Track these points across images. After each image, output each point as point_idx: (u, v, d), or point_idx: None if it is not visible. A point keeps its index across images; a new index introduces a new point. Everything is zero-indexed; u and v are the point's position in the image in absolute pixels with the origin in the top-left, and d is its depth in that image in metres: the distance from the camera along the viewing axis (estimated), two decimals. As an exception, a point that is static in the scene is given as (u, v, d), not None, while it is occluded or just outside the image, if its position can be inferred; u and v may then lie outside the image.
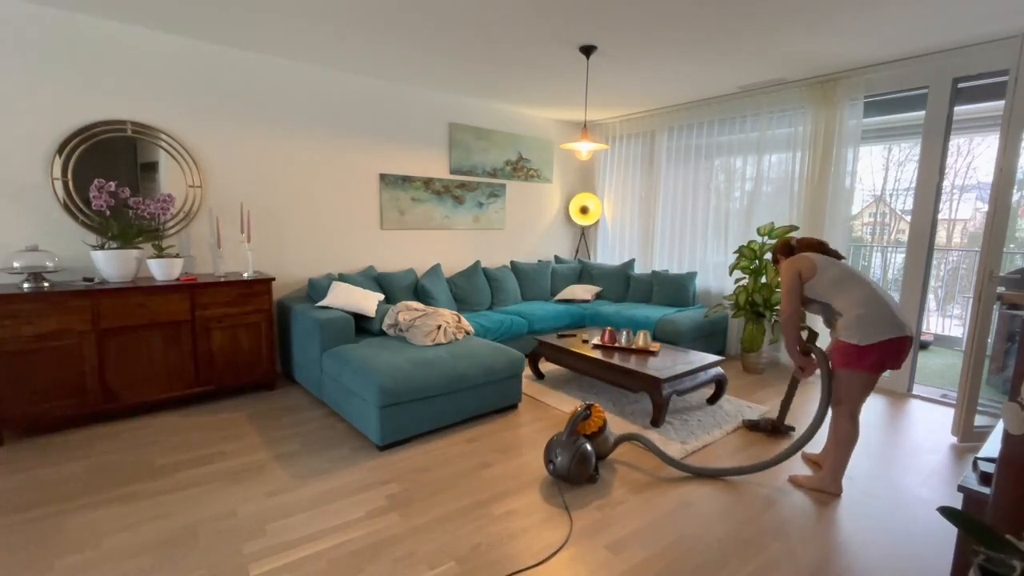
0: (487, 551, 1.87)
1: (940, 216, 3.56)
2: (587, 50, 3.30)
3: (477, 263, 4.66)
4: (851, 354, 2.19)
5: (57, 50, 2.90)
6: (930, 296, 4.50)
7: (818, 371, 2.69)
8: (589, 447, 2.33)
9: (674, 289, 4.75)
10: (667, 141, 5.11)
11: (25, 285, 2.71)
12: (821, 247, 2.46)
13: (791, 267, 2.37)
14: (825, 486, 2.33)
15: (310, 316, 3.22)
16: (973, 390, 2.87)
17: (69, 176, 2.97)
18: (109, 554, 1.81)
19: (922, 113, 3.54)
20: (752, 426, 3.02)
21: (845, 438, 2.28)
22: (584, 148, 3.76)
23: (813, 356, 2.41)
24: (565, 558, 1.85)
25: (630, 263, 5.27)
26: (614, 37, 3.13)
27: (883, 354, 2.15)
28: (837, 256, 2.43)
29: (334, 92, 3.96)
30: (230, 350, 3.26)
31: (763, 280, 4.10)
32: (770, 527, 2.05)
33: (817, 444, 2.81)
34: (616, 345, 3.51)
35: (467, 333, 3.46)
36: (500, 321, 4.09)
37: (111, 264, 2.92)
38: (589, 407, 2.47)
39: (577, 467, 2.28)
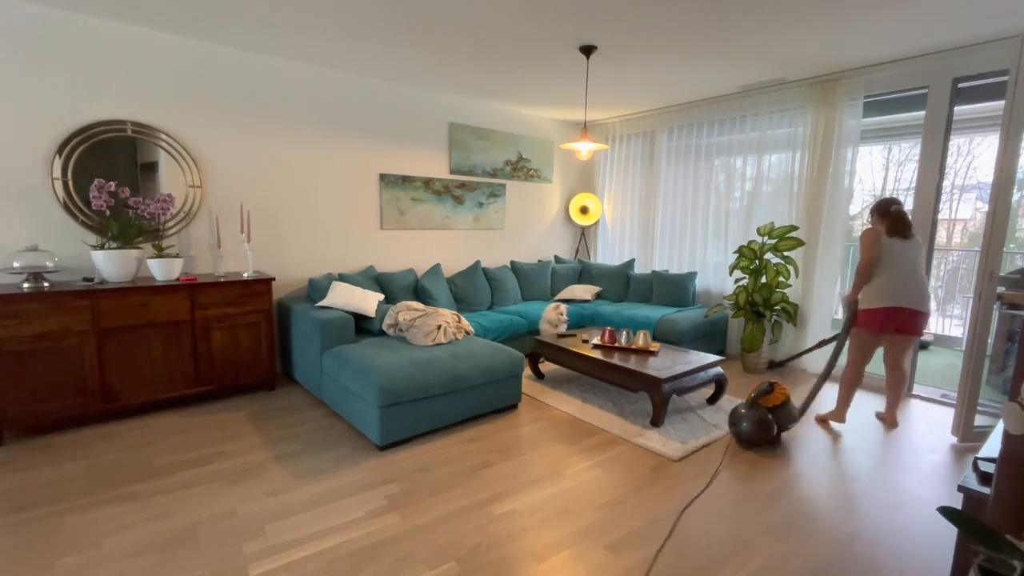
0: (487, 551, 1.87)
1: (940, 216, 3.55)
2: (587, 50, 3.30)
3: (477, 263, 4.66)
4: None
5: (57, 50, 2.90)
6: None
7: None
8: (770, 416, 2.70)
9: (674, 289, 4.75)
10: (667, 141, 5.11)
11: (25, 285, 2.71)
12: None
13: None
14: (831, 415, 3.09)
15: (310, 316, 3.22)
16: (973, 390, 2.87)
17: (69, 176, 2.97)
18: (109, 554, 1.81)
19: (922, 113, 3.54)
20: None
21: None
22: (584, 148, 3.76)
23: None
24: (565, 558, 1.85)
25: (630, 263, 5.27)
26: (614, 37, 3.13)
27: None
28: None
29: (335, 92, 3.96)
30: (230, 350, 3.26)
31: (763, 280, 4.10)
32: (770, 527, 2.05)
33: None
34: (616, 345, 3.51)
35: (467, 333, 3.46)
36: (500, 321, 4.09)
37: (111, 264, 2.92)
38: (772, 384, 2.80)
39: (757, 431, 2.70)
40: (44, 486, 2.25)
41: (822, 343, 3.43)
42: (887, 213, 2.94)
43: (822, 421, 3.13)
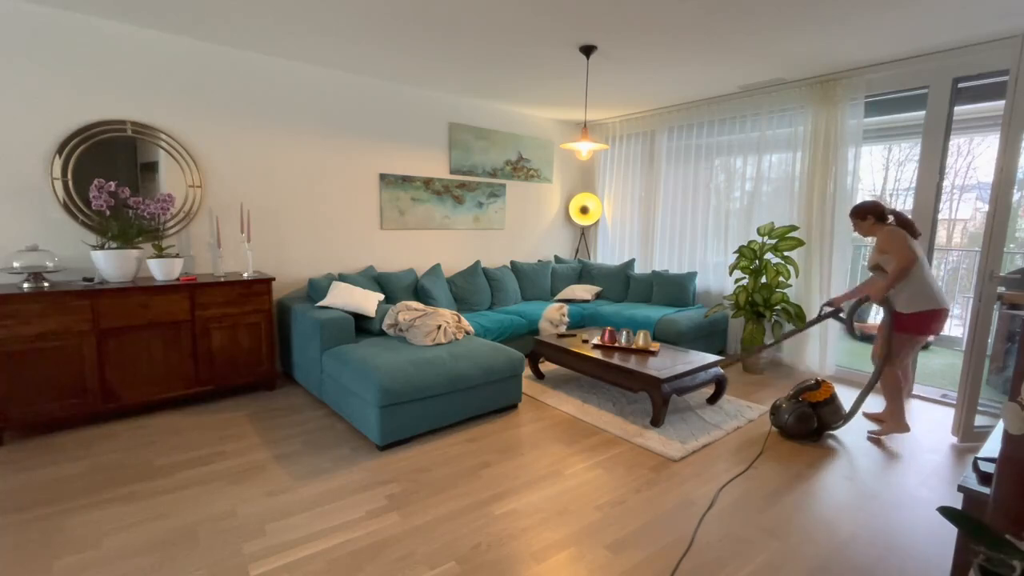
0: (487, 551, 1.87)
1: (940, 216, 3.55)
2: (587, 50, 3.30)
3: (477, 263, 4.66)
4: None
5: (57, 50, 2.90)
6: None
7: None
8: (811, 411, 2.80)
9: (674, 289, 4.75)
10: (667, 141, 5.11)
11: (25, 285, 2.71)
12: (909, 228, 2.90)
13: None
14: (893, 429, 2.93)
15: (310, 316, 3.22)
16: (973, 390, 2.87)
17: (69, 176, 2.97)
18: (109, 554, 1.81)
19: (922, 113, 3.54)
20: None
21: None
22: (584, 148, 3.76)
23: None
24: (565, 558, 1.85)
25: (630, 263, 5.27)
26: (614, 37, 3.13)
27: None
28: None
29: (334, 92, 3.96)
30: (230, 350, 3.26)
31: (763, 280, 4.10)
32: (770, 527, 2.06)
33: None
34: (616, 345, 3.51)
35: (467, 333, 3.46)
36: (500, 321, 4.09)
37: (111, 264, 2.92)
38: (819, 381, 2.88)
39: (796, 423, 2.79)
40: (44, 486, 2.25)
41: (792, 333, 3.29)
42: (884, 217, 2.91)
43: (876, 440, 2.94)
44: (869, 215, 2.93)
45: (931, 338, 2.99)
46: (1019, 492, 1.17)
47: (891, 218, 2.92)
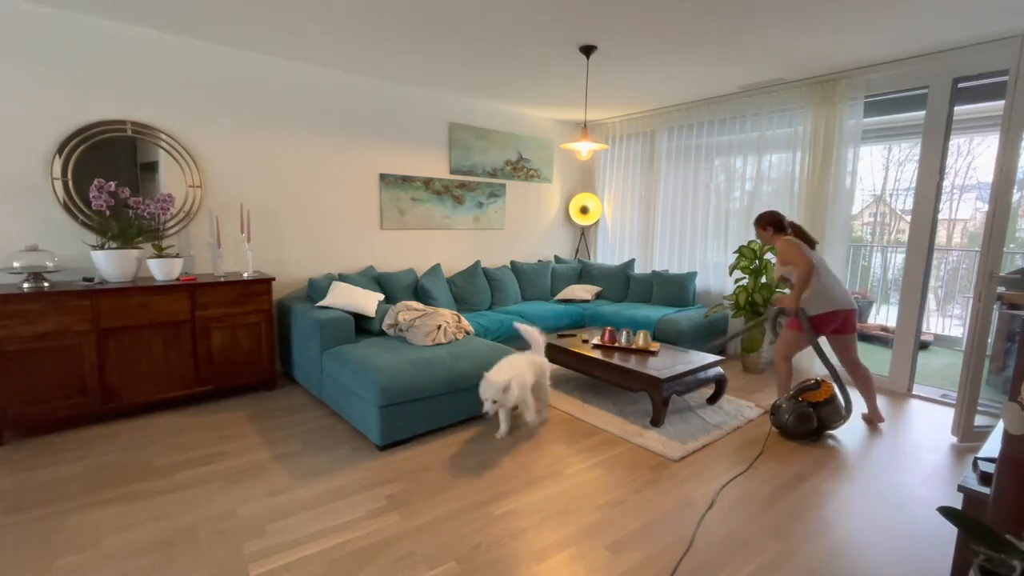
0: (487, 551, 1.87)
1: (940, 216, 3.55)
2: (587, 50, 3.30)
3: (477, 263, 4.66)
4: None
5: (57, 50, 2.90)
6: (930, 296, 4.49)
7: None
8: (811, 411, 2.80)
9: (674, 289, 4.75)
10: (667, 141, 5.11)
11: (25, 285, 2.71)
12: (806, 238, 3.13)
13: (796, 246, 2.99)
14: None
15: (310, 316, 3.22)
16: (973, 390, 2.87)
17: (69, 176, 2.97)
18: (109, 554, 1.81)
19: (922, 113, 3.54)
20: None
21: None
22: (584, 148, 3.76)
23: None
24: (565, 558, 1.85)
25: (630, 263, 5.27)
26: (614, 37, 3.13)
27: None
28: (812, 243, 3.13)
29: (334, 92, 3.96)
30: (230, 350, 3.26)
31: (763, 280, 4.10)
32: (770, 527, 2.05)
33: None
34: (616, 345, 3.51)
35: (467, 333, 3.46)
36: (500, 321, 4.09)
37: (111, 264, 2.92)
38: (819, 382, 2.90)
39: (796, 423, 2.79)
40: (44, 486, 2.25)
41: (747, 329, 3.43)
42: (783, 228, 3.10)
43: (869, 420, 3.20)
44: (769, 226, 3.14)
45: (844, 336, 3.10)
46: (1019, 492, 1.17)
47: (789, 229, 3.12)
